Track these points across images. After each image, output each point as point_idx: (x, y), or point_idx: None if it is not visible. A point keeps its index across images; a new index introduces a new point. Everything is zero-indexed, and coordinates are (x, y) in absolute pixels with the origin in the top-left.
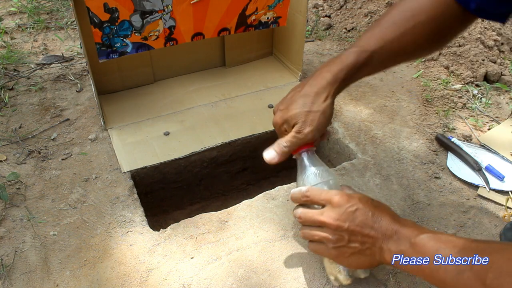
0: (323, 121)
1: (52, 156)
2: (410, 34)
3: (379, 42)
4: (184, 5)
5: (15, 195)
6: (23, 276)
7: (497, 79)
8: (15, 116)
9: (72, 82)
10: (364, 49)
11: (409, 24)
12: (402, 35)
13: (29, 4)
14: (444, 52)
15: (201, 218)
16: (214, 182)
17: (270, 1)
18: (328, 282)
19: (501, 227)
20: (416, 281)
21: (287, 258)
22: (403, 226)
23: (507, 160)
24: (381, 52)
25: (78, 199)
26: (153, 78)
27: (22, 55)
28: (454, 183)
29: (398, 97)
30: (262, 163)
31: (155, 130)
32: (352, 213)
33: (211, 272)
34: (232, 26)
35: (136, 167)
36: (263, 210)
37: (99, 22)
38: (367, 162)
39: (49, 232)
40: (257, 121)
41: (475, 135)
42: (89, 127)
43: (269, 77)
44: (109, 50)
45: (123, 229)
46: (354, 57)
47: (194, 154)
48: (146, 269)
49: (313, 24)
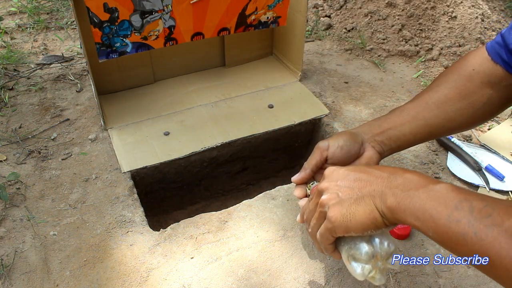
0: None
1: (52, 156)
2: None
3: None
4: (184, 5)
5: (15, 195)
6: (23, 276)
7: None
8: (15, 116)
9: (72, 82)
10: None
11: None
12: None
13: (29, 4)
14: (444, 52)
15: (201, 218)
16: (214, 182)
17: (270, 1)
18: (328, 282)
19: None
20: (416, 281)
21: (287, 258)
22: (405, 172)
23: (507, 160)
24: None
25: (78, 199)
26: (153, 78)
27: (22, 55)
28: (454, 183)
29: (398, 97)
30: (262, 163)
31: (155, 130)
32: (347, 174)
33: (211, 272)
34: (232, 26)
35: (136, 167)
36: (263, 210)
37: (99, 22)
38: None
39: (49, 232)
40: (257, 121)
41: (475, 135)
42: (89, 127)
43: (269, 77)
44: (109, 50)
45: (123, 229)
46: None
47: (194, 154)
48: (146, 269)
49: (313, 24)
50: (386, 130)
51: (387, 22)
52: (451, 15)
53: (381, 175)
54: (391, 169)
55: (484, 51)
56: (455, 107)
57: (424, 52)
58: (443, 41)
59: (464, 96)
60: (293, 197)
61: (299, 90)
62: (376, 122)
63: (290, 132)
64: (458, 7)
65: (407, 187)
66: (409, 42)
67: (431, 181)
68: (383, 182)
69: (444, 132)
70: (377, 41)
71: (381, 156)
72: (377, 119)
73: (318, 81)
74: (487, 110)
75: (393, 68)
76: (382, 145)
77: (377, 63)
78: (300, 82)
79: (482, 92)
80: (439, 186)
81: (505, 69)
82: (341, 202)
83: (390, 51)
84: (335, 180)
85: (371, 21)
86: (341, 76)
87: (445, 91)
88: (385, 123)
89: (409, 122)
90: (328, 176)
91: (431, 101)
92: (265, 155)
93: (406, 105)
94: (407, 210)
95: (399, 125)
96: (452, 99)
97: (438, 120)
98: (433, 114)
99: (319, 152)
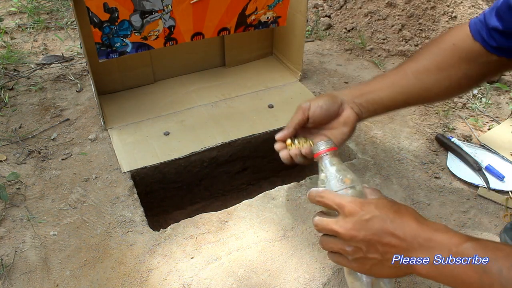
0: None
1: (52, 156)
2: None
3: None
4: (184, 5)
5: (15, 195)
6: (23, 276)
7: (497, 79)
8: (15, 116)
9: (72, 82)
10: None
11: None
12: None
13: (29, 4)
14: None
15: (201, 218)
16: (214, 182)
17: (270, 1)
18: (328, 282)
19: (501, 227)
20: (416, 281)
21: (287, 258)
22: (436, 232)
23: (507, 160)
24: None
25: (78, 199)
26: (153, 78)
27: (22, 55)
28: (454, 183)
29: None
30: (262, 163)
31: (155, 130)
32: (367, 221)
33: (211, 272)
34: (232, 26)
35: (136, 167)
36: (263, 210)
37: (99, 22)
38: (367, 162)
39: (49, 232)
40: (257, 121)
41: (475, 135)
42: (89, 127)
43: (269, 77)
44: (109, 50)
45: (123, 229)
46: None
47: (194, 154)
48: (146, 269)
49: (313, 24)
50: (365, 94)
51: (387, 22)
52: (451, 15)
53: (405, 237)
54: (415, 230)
55: (467, 28)
56: (432, 78)
57: None
58: None
59: (441, 68)
60: (293, 197)
61: (299, 90)
62: (357, 86)
63: None
64: (458, 7)
65: (432, 252)
66: (409, 42)
67: (456, 241)
68: (407, 247)
69: (420, 101)
70: (377, 41)
71: (359, 117)
72: (359, 84)
73: (318, 81)
74: (463, 84)
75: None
76: (360, 107)
77: (377, 63)
78: (300, 82)
79: (460, 67)
80: (465, 247)
81: (484, 46)
82: (365, 261)
83: (390, 51)
84: (359, 228)
85: (371, 21)
86: (341, 76)
87: (424, 62)
88: (365, 87)
89: (387, 88)
90: (353, 215)
91: (410, 71)
92: (265, 155)
93: (387, 73)
94: (437, 278)
95: (378, 90)
96: (430, 70)
97: (415, 89)
98: (410, 83)
99: (301, 112)
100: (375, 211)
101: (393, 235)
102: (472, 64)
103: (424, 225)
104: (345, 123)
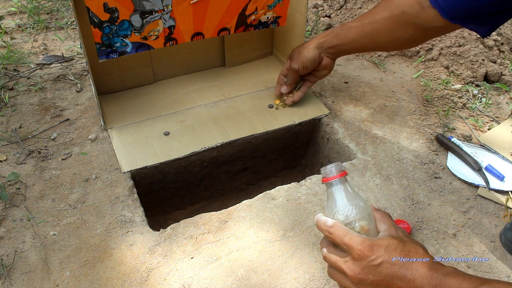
0: (306, 58)
1: (52, 156)
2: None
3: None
4: (184, 5)
5: (15, 195)
6: (23, 276)
7: (497, 79)
8: (15, 116)
9: (72, 82)
10: (345, 40)
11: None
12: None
13: (29, 4)
14: (444, 52)
15: (201, 218)
16: (214, 182)
17: (270, 1)
18: (328, 282)
19: (501, 227)
20: None
21: (287, 258)
22: (447, 276)
23: (507, 160)
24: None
25: (78, 199)
26: (153, 78)
27: (22, 55)
28: (454, 183)
29: (398, 97)
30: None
31: (155, 130)
32: (376, 267)
33: (211, 272)
34: (232, 26)
35: (136, 167)
36: (263, 210)
37: (99, 22)
38: (367, 162)
39: (49, 232)
40: (257, 121)
41: (475, 135)
42: (89, 127)
43: (269, 77)
44: (109, 50)
45: (123, 229)
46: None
47: (194, 154)
48: (146, 269)
49: (313, 24)
50: (336, 46)
51: None
52: None
53: (415, 283)
54: (425, 275)
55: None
56: (384, 39)
57: (424, 52)
58: (443, 41)
59: (390, 32)
60: (293, 197)
61: None
62: (328, 39)
63: (290, 132)
64: None
65: None
66: None
67: (466, 286)
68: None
69: (377, 51)
70: None
71: (334, 60)
72: (329, 34)
73: (318, 81)
74: (410, 43)
75: (393, 68)
76: (333, 55)
77: (377, 63)
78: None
79: (406, 31)
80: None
81: (439, 12)
82: None
83: None
84: (368, 273)
85: None
86: (341, 76)
87: (377, 26)
88: (335, 40)
89: (351, 42)
90: (362, 259)
91: (367, 31)
92: (265, 155)
93: (351, 28)
94: None
95: (346, 43)
96: (381, 33)
97: (371, 46)
98: (367, 42)
99: (295, 72)
100: (384, 255)
101: (404, 279)
102: (418, 29)
103: (433, 269)
104: (325, 67)
